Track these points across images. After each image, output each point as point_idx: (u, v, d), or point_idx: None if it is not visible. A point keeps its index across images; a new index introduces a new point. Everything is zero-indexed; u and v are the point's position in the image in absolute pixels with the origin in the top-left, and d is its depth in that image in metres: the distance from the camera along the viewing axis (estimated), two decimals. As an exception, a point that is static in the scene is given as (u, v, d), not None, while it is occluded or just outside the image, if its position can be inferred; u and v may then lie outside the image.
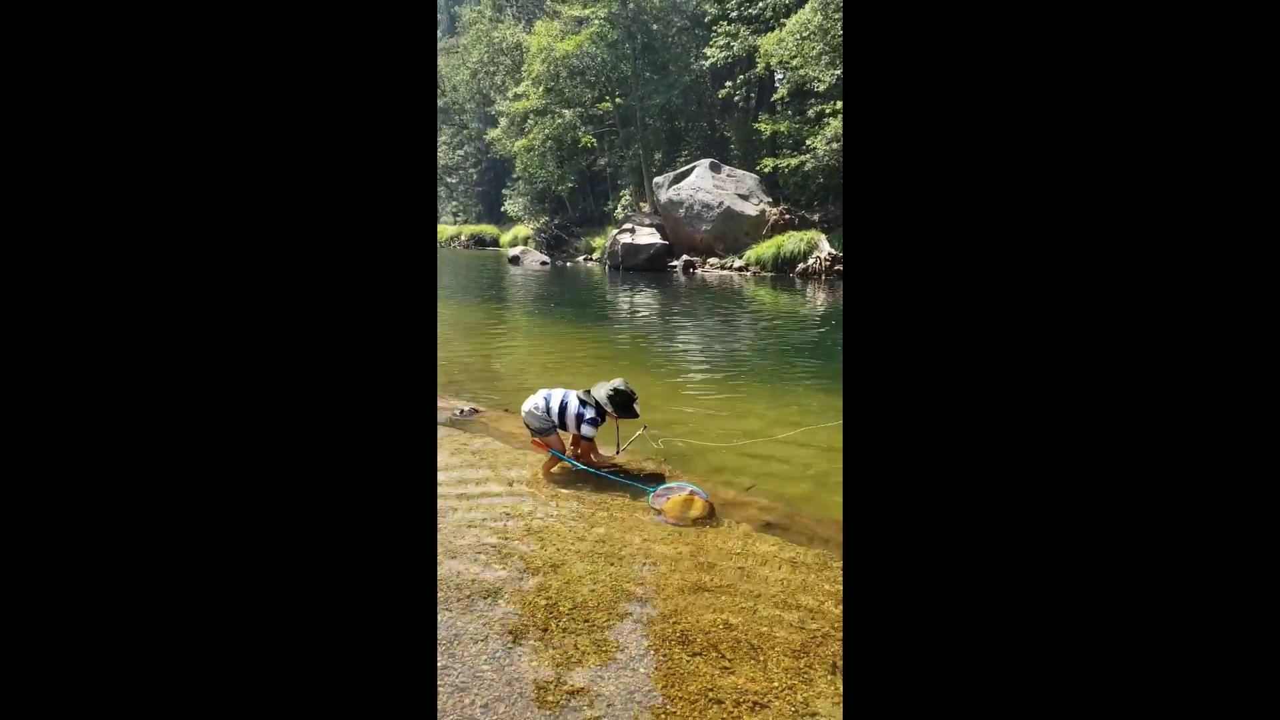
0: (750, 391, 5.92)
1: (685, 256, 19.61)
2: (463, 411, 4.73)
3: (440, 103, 40.29)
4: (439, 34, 45.70)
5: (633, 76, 25.80)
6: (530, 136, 26.55)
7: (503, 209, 33.38)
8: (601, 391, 3.89)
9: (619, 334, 9.78)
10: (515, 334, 10.01)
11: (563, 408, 3.85)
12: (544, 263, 22.92)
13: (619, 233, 20.90)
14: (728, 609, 2.53)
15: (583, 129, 26.15)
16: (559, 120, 25.92)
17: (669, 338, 9.31)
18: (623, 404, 3.88)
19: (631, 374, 6.65)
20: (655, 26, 25.65)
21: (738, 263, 18.27)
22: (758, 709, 2.02)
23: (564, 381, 4.33)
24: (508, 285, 17.14)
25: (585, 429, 3.82)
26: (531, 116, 26.53)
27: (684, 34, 25.68)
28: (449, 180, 42.67)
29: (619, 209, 26.25)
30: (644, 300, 13.66)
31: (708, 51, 22.99)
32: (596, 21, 25.12)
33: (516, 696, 2.05)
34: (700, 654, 2.26)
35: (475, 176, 39.49)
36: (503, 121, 29.45)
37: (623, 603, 2.55)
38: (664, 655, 2.25)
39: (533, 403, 3.86)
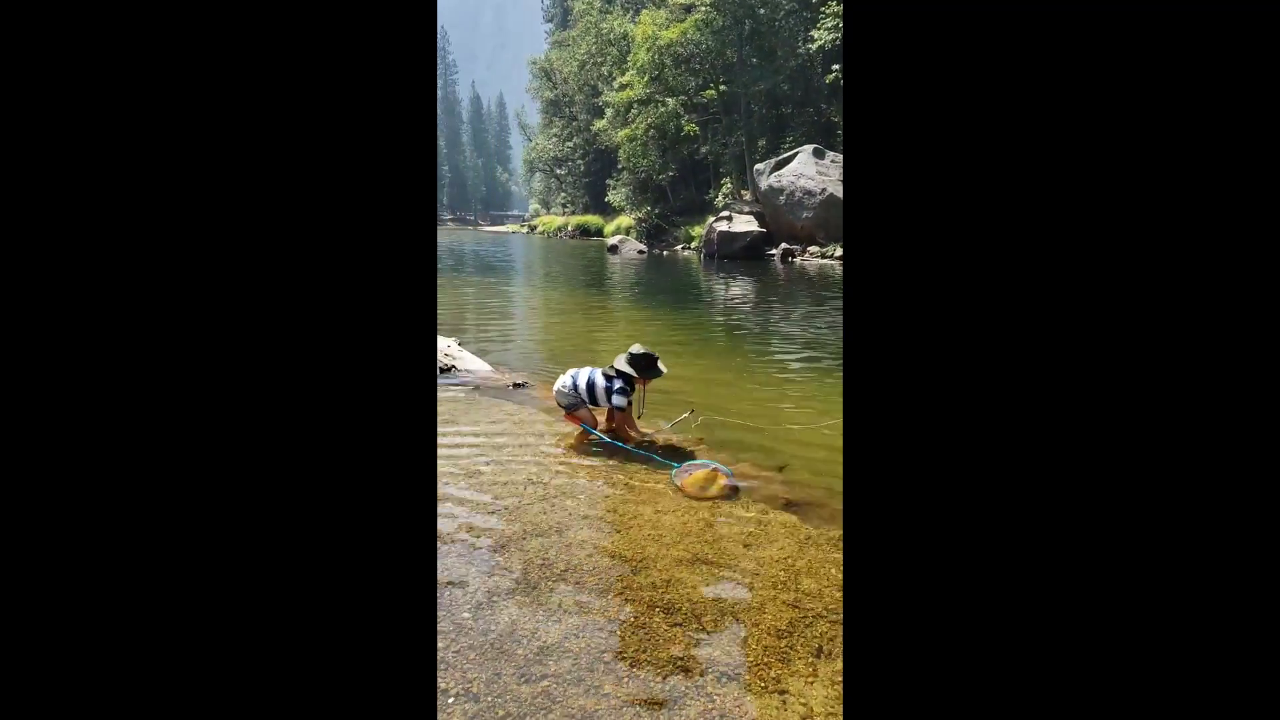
0: (834, 383, 5.71)
1: (784, 245, 19.14)
2: (515, 385, 4.87)
3: (550, 95, 41.41)
4: (552, 27, 46.92)
5: (738, 63, 25.43)
6: (633, 126, 26.79)
7: (606, 199, 33.93)
8: (621, 361, 3.92)
9: (707, 320, 9.72)
10: (609, 317, 10.17)
11: (590, 385, 3.91)
12: (641, 251, 23.10)
13: (715, 221, 20.71)
14: (722, 583, 2.46)
15: (686, 117, 26.09)
16: (662, 109, 26.00)
17: (762, 325, 9.15)
18: (646, 365, 3.91)
19: (715, 360, 6.61)
20: (762, 10, 25.12)
21: (839, 251, 17.63)
22: (725, 680, 1.96)
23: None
24: (603, 273, 17.42)
25: (616, 399, 3.86)
26: (635, 106, 26.73)
27: (792, 17, 24.99)
28: (558, 172, 43.83)
29: (720, 197, 26.00)
30: (738, 289, 13.48)
31: (815, 34, 22.25)
32: (703, 8, 24.93)
33: (488, 646, 2.09)
34: (681, 624, 2.21)
35: (583, 168, 40.30)
36: (608, 112, 29.86)
37: (617, 568, 2.54)
38: (644, 621, 2.22)
39: (561, 382, 3.97)
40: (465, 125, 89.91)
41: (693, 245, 23.49)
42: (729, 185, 26.30)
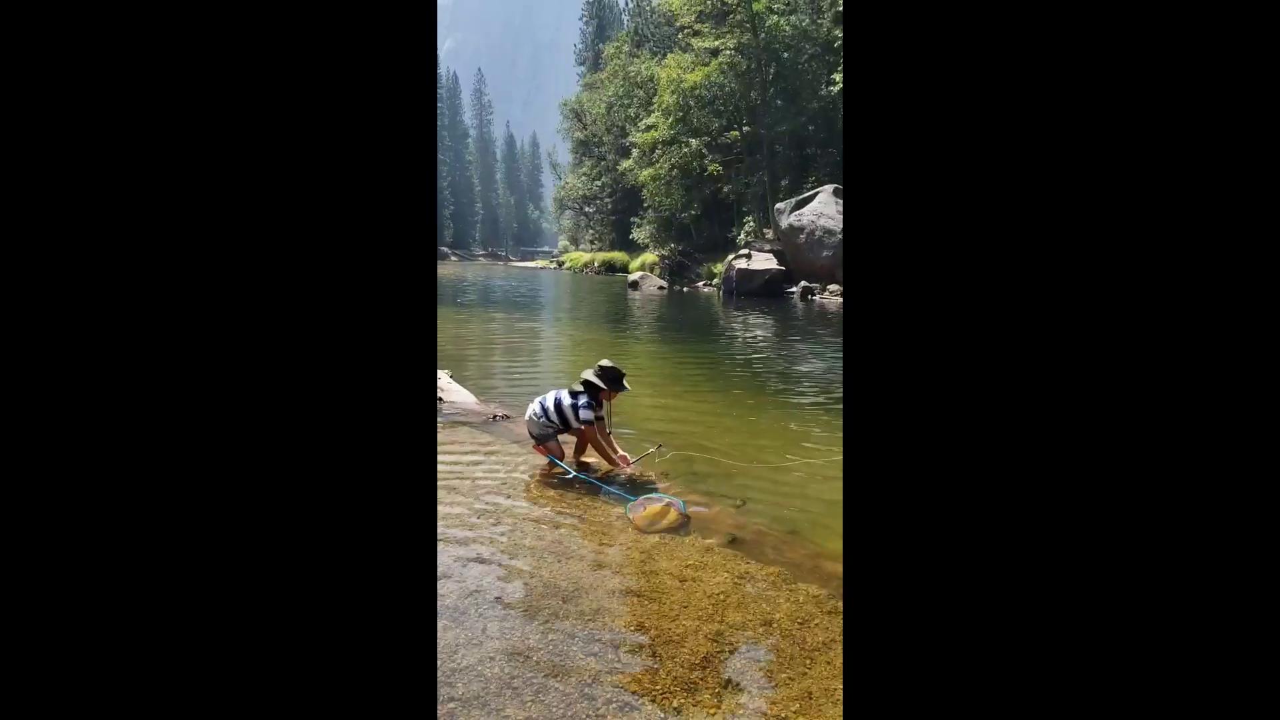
0: (831, 420, 5.71)
1: (804, 283, 19.18)
2: (495, 417, 4.97)
3: (580, 135, 42.41)
4: (584, 70, 48.27)
5: (761, 104, 25.86)
6: (657, 166, 27.27)
7: (631, 236, 34.41)
8: (589, 374, 4.00)
9: (716, 356, 9.77)
10: (615, 351, 10.29)
11: (558, 405, 3.95)
12: (661, 288, 23.31)
13: (734, 258, 20.86)
14: (649, 614, 2.49)
15: (710, 157, 26.49)
16: (685, 149, 26.45)
17: (773, 362, 9.18)
18: (612, 379, 3.99)
19: (714, 395, 6.64)
20: (785, 54, 25.59)
21: (856, 290, 17.59)
22: (626, 710, 1.99)
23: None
24: (621, 309, 17.61)
25: (583, 414, 3.93)
26: (660, 146, 27.26)
27: (814, 60, 25.40)
28: (586, 210, 44.60)
29: (743, 235, 26.19)
30: (754, 326, 13.52)
31: (836, 77, 22.56)
32: (727, 52, 25.51)
33: (404, 667, 2.15)
34: (596, 654, 2.25)
35: (610, 206, 40.97)
36: (634, 152, 30.47)
37: (548, 598, 2.58)
38: (560, 649, 2.26)
39: (531, 410, 4.02)
40: (499, 164, 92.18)
41: (714, 282, 23.63)
42: (751, 223, 26.50)
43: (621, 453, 4.05)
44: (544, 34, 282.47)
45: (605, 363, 4.03)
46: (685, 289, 23.86)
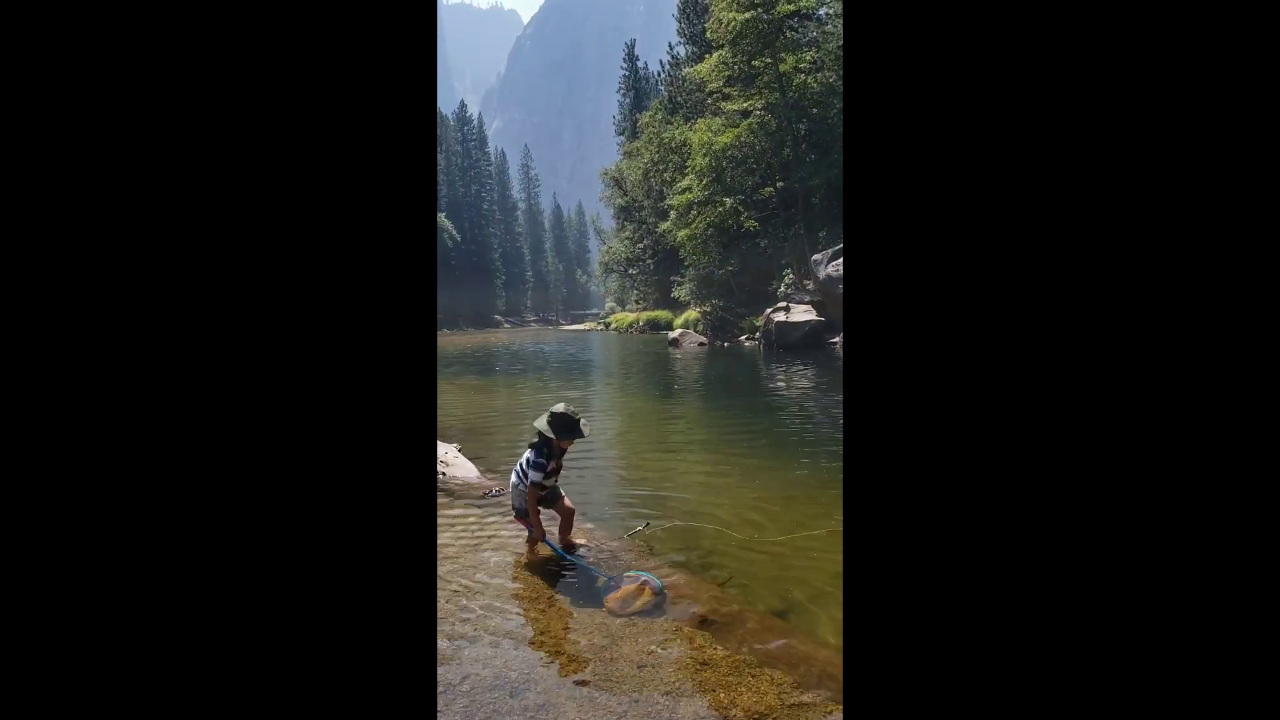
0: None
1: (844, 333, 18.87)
2: (491, 492, 4.92)
3: (621, 201, 43.54)
4: (624, 139, 49.87)
5: (794, 160, 26.08)
6: (693, 226, 27.61)
7: (673, 295, 34.72)
8: (541, 421, 3.67)
9: (739, 418, 9.58)
10: (642, 417, 10.21)
11: (521, 469, 3.74)
12: (701, 344, 23.28)
13: (773, 312, 20.71)
14: (597, 707, 2.33)
15: (745, 214, 26.70)
16: (720, 208, 26.76)
17: (819, 422, 8.94)
18: (563, 426, 3.64)
19: (724, 458, 6.48)
20: (815, 109, 25.90)
21: (899, 338, 17.14)
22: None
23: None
24: (661, 368, 17.59)
25: (532, 474, 3.62)
26: (695, 207, 27.66)
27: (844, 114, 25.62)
28: (630, 272, 45.44)
29: (783, 288, 26.08)
30: (792, 380, 13.26)
31: (866, 127, 22.66)
32: (756, 112, 25.99)
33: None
34: (530, 754, 2.11)
35: (652, 266, 41.62)
36: (672, 214, 31.02)
37: (496, 690, 2.46)
38: (494, 751, 2.13)
39: (511, 480, 3.92)
40: (548, 233, 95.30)
41: (755, 336, 23.45)
42: (791, 276, 26.39)
43: (544, 527, 3.77)
44: (586, 108, 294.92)
45: (558, 408, 3.72)
46: (726, 344, 23.74)
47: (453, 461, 5.46)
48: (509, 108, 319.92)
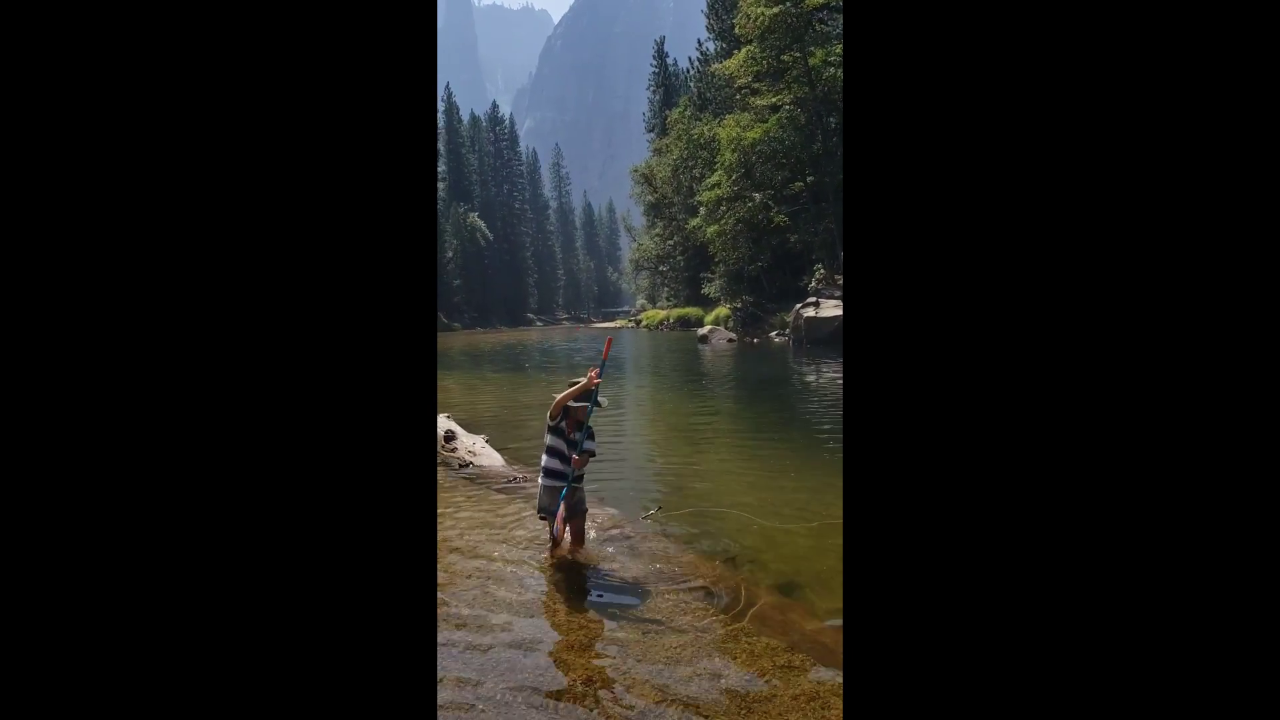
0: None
1: (874, 328, 18.76)
2: (514, 479, 5.14)
3: (651, 199, 43.64)
4: (654, 136, 49.93)
5: (824, 154, 25.93)
6: (722, 222, 27.64)
7: (703, 291, 34.77)
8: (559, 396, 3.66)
9: (763, 412, 9.68)
10: (663, 410, 10.38)
11: (556, 452, 3.63)
12: (730, 340, 23.34)
13: (802, 307, 20.69)
14: (599, 661, 2.53)
15: (775, 209, 26.65)
16: (749, 203, 26.74)
17: (825, 414, 9.02)
18: (583, 395, 3.61)
19: (748, 451, 6.61)
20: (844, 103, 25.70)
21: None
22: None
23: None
24: (689, 364, 17.72)
25: (588, 444, 3.63)
26: (724, 203, 27.69)
27: (874, 106, 25.35)
28: (661, 269, 45.52)
29: (814, 283, 25.99)
30: (826, 373, 13.28)
31: (896, 119, 22.44)
32: (785, 107, 25.91)
33: None
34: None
35: (682, 263, 41.66)
36: (701, 210, 31.08)
37: (511, 650, 2.67)
38: (510, 699, 2.34)
39: (540, 479, 3.73)
40: (579, 231, 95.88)
41: (785, 332, 23.45)
42: (822, 271, 26.28)
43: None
44: (616, 105, 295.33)
45: (574, 380, 3.77)
46: (756, 340, 23.77)
47: (480, 451, 5.71)
48: (540, 107, 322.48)
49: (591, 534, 3.91)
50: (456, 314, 60.65)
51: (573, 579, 3.40)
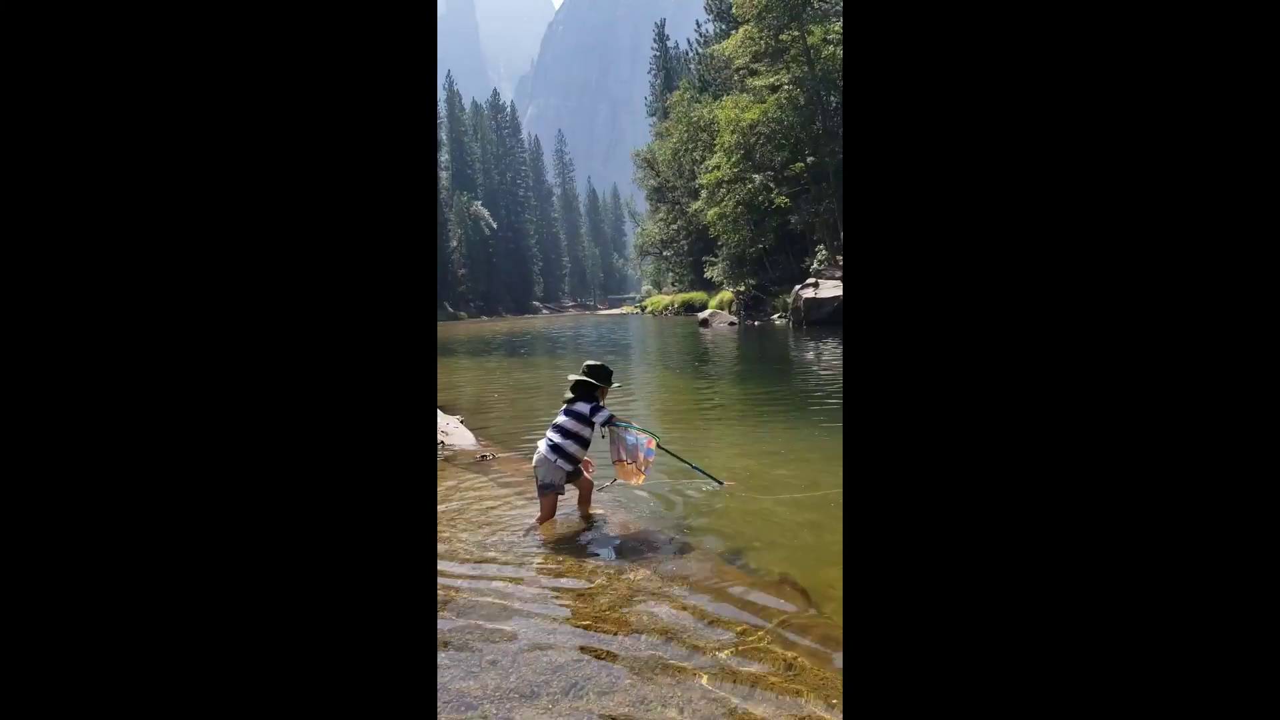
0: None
1: (874, 308, 18.75)
2: (481, 458, 5.24)
3: (654, 183, 43.49)
4: (656, 120, 49.71)
5: (824, 134, 25.76)
6: (722, 204, 27.53)
7: (706, 275, 34.73)
8: (579, 375, 3.84)
9: (762, 389, 9.76)
10: (652, 388, 10.48)
11: (563, 430, 3.74)
12: (731, 323, 23.41)
13: (801, 288, 20.70)
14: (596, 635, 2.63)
15: (775, 190, 26.52)
16: (749, 185, 26.62)
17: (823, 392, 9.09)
18: (603, 374, 3.82)
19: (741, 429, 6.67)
20: (843, 82, 25.45)
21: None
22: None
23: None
24: (688, 347, 17.79)
25: (600, 415, 3.76)
26: (724, 185, 27.57)
27: (874, 84, 25.10)
28: (665, 254, 45.40)
29: (816, 264, 25.94)
30: (826, 352, 13.32)
31: (896, 97, 22.23)
32: (784, 87, 25.72)
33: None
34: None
35: (686, 248, 41.57)
36: (702, 193, 30.98)
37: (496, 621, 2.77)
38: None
39: (542, 450, 3.75)
40: (584, 218, 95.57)
41: (786, 314, 23.48)
42: (824, 252, 26.22)
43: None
44: (619, 90, 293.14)
45: (591, 363, 3.91)
46: (758, 322, 23.79)
47: (451, 431, 5.82)
48: (543, 93, 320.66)
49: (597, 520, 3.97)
50: (462, 303, 60.81)
51: (562, 551, 3.50)
